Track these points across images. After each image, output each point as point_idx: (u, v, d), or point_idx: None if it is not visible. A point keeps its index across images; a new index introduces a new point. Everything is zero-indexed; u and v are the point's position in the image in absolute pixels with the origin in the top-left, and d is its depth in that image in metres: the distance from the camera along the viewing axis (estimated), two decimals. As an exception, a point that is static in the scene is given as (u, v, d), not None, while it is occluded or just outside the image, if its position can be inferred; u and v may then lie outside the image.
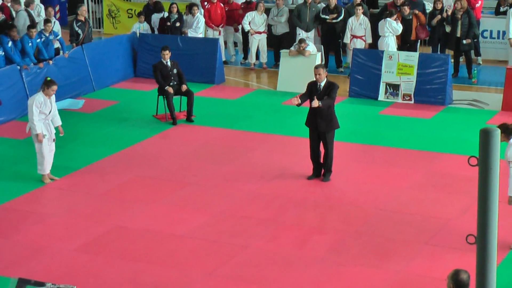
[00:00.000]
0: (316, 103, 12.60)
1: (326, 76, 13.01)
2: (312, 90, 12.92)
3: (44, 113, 12.87)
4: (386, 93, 17.54)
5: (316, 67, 12.98)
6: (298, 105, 12.84)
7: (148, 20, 20.85)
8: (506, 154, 10.40)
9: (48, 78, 13.09)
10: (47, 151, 13.04)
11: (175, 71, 16.35)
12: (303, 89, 17.93)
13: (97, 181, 13.12)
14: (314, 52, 18.30)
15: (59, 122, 13.21)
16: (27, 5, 20.00)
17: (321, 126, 12.81)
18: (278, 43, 20.42)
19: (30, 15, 19.59)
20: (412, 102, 17.29)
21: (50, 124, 13.09)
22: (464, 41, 18.57)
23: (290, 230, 11.21)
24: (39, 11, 20.49)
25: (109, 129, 15.88)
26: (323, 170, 13.04)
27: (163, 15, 20.68)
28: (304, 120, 13.15)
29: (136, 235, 11.09)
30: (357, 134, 15.06)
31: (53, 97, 13.06)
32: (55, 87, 12.94)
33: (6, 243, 10.95)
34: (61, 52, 18.41)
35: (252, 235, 11.02)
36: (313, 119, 12.87)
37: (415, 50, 18.92)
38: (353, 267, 10.09)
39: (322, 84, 12.85)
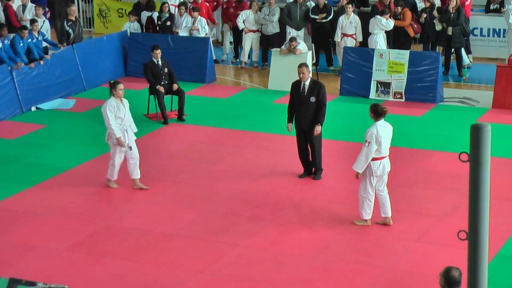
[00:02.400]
0: (318, 131, 12.62)
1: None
2: (297, 90, 12.78)
3: (120, 117, 12.40)
4: (377, 91, 17.51)
5: (300, 66, 12.78)
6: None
7: (138, 18, 20.75)
8: (366, 133, 10.82)
9: (112, 81, 12.81)
10: (119, 158, 12.57)
11: (166, 70, 16.28)
12: (294, 88, 18.05)
13: (88, 181, 13.05)
14: (304, 50, 18.25)
15: (135, 129, 12.71)
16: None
17: (304, 125, 12.75)
18: (267, 42, 20.37)
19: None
20: (403, 100, 17.27)
21: (129, 130, 12.58)
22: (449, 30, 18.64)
23: (280, 228, 11.16)
24: (33, 12, 20.39)
25: (100, 128, 15.73)
26: (313, 169, 12.98)
27: (152, 14, 20.55)
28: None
29: (126, 234, 11.03)
30: (348, 132, 15.02)
31: (126, 102, 12.60)
32: (121, 86, 12.46)
33: (-4, 243, 10.87)
34: (49, 51, 18.35)
35: (242, 233, 10.97)
36: (298, 119, 12.79)
37: (409, 48, 18.85)
38: (344, 265, 10.04)
39: (307, 83, 12.73)
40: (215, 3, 21.69)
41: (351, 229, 11.05)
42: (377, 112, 10.92)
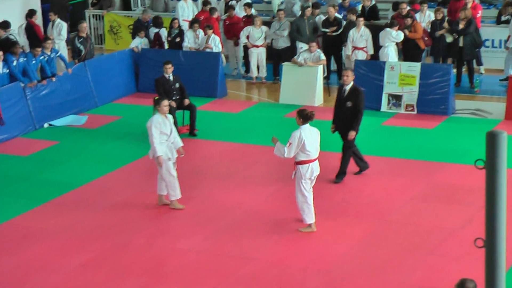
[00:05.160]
0: (351, 136, 13.01)
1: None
2: (339, 93, 13.28)
3: (165, 133, 12.26)
4: (388, 103, 17.49)
5: (345, 69, 13.32)
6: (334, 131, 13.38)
7: (146, 35, 20.75)
8: (291, 135, 11.17)
9: (156, 98, 12.81)
10: (174, 174, 12.40)
11: (177, 85, 16.31)
12: (305, 102, 18.06)
13: (101, 197, 13.06)
14: (323, 58, 18.30)
15: (180, 144, 12.49)
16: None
17: (340, 128, 13.24)
18: (278, 57, 20.36)
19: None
20: (415, 112, 17.23)
21: (172, 147, 12.45)
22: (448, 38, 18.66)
23: (294, 242, 11.14)
24: (60, 28, 20.47)
25: (112, 145, 15.83)
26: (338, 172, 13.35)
27: (159, 30, 20.53)
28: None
29: (139, 251, 11.02)
30: (360, 145, 14.92)
31: (170, 117, 12.59)
32: (166, 102, 12.36)
33: (10, 260, 10.90)
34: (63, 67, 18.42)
35: (255, 248, 10.95)
36: (337, 121, 13.30)
37: (419, 60, 18.82)
38: (357, 279, 10.01)
39: (348, 87, 13.13)
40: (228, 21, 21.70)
41: (362, 243, 11.01)
42: (305, 116, 11.28)
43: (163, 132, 12.25)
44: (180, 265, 10.55)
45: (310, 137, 11.24)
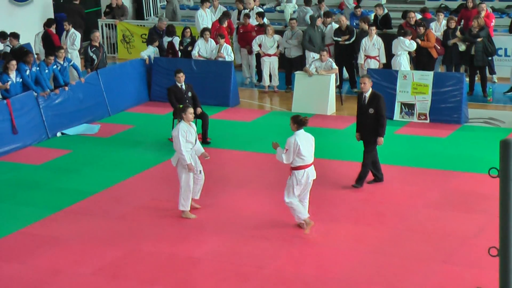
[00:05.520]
0: (380, 142, 13.21)
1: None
2: (359, 101, 13.34)
3: (191, 141, 12.28)
4: (401, 112, 17.46)
5: (362, 76, 13.39)
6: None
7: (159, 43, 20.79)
8: (286, 142, 11.52)
9: (181, 106, 12.94)
10: (191, 182, 12.37)
11: (189, 94, 16.33)
12: (318, 110, 18.07)
13: (114, 205, 13.08)
14: (335, 67, 18.30)
15: (201, 150, 12.54)
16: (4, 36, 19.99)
17: (364, 135, 13.33)
18: (291, 65, 20.37)
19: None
20: (428, 121, 17.19)
21: (196, 156, 12.52)
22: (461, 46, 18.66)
23: (306, 250, 11.11)
24: (74, 38, 20.56)
25: (125, 153, 15.86)
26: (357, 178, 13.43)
27: (173, 39, 20.58)
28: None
29: (151, 258, 11.02)
30: (373, 154, 14.94)
31: (194, 125, 12.55)
32: (191, 110, 12.50)
33: (23, 268, 10.91)
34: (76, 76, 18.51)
35: (268, 256, 10.94)
36: (360, 129, 13.41)
37: (432, 69, 18.79)
38: (371, 286, 9.96)
39: (367, 94, 13.18)
40: (229, 29, 21.73)
41: (376, 250, 10.99)
42: (299, 122, 11.54)
43: (189, 141, 12.29)
44: (193, 273, 10.54)
45: (305, 143, 11.48)
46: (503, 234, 4.39)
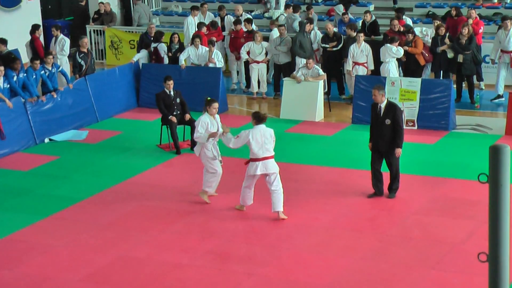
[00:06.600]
0: (398, 153, 12.96)
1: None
2: (374, 112, 13.12)
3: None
4: (389, 119, 17.46)
5: (373, 87, 13.16)
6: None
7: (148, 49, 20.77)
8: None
9: (208, 98, 13.29)
10: (221, 170, 13.20)
11: (178, 100, 16.33)
12: (306, 117, 18.10)
13: (101, 211, 13.05)
14: (322, 73, 18.34)
15: (221, 129, 13.10)
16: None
17: (382, 146, 12.99)
18: (279, 72, 20.39)
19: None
20: (416, 127, 17.24)
21: (218, 147, 13.24)
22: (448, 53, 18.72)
23: (296, 256, 11.10)
24: (63, 44, 20.52)
25: (113, 159, 15.83)
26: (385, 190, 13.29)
27: (157, 45, 20.51)
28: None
29: (140, 265, 10.99)
30: (361, 160, 14.95)
31: (218, 118, 13.22)
32: (216, 105, 13.12)
33: (10, 274, 10.87)
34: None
35: (257, 262, 10.92)
36: (375, 140, 13.06)
37: (419, 76, 18.84)
38: (360, 293, 9.96)
39: (383, 105, 12.98)
40: (218, 35, 21.72)
41: (365, 257, 11.00)
42: (258, 118, 12.38)
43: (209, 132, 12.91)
44: (182, 279, 10.52)
45: (260, 138, 12.24)
46: (492, 240, 4.40)
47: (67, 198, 13.63)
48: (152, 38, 20.87)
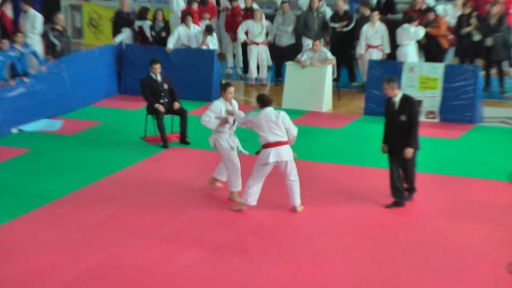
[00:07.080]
0: (408, 154, 12.70)
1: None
2: (388, 107, 12.91)
3: (228, 121, 13.23)
4: (406, 110, 17.54)
5: (383, 81, 12.91)
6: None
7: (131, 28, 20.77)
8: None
9: (223, 82, 13.50)
10: (238, 162, 13.30)
11: (166, 86, 16.36)
12: (312, 107, 18.16)
13: (81, 210, 13.06)
14: (330, 57, 18.35)
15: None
16: None
17: (395, 146, 12.82)
18: (281, 55, 20.38)
19: None
20: (437, 120, 17.30)
21: (235, 136, 13.43)
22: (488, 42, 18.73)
23: (299, 262, 11.14)
24: (33, 20, 20.43)
25: (91, 153, 15.87)
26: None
27: (143, 24, 20.49)
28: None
29: (126, 268, 11.03)
30: (375, 157, 15.00)
31: (235, 104, 13.45)
32: (232, 89, 13.33)
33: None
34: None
35: (250, 273, 10.94)
36: (390, 139, 12.92)
37: (442, 61, 18.85)
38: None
39: (397, 99, 12.73)
40: (211, 12, 21.77)
41: (380, 265, 11.02)
42: (263, 101, 12.55)
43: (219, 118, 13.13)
44: (175, 279, 10.57)
45: (265, 123, 12.40)
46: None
47: (42, 196, 13.60)
48: (126, 16, 20.74)
